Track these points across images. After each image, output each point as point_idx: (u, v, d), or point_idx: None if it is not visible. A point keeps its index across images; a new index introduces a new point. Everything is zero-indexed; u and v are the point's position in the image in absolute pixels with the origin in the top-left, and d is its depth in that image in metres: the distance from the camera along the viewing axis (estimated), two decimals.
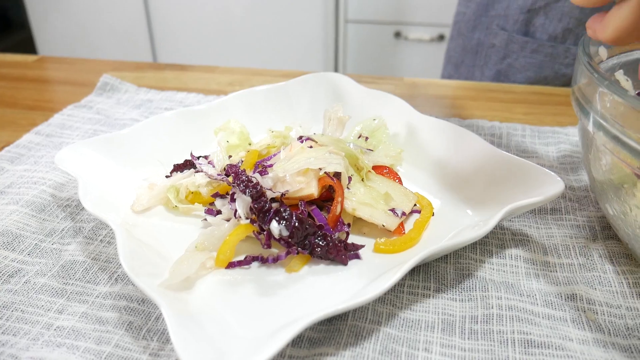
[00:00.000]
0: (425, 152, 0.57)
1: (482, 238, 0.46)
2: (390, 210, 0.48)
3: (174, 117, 0.60)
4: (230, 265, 0.45)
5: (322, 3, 1.99)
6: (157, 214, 0.52)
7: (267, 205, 0.44)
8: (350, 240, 0.48)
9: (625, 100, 0.36)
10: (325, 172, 0.48)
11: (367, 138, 0.58)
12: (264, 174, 0.48)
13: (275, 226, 0.44)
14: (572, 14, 0.83)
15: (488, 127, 0.69)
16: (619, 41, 0.38)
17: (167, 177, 0.54)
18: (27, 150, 0.64)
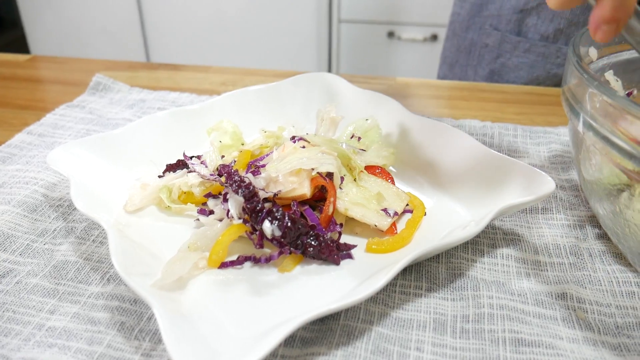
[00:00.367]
0: (418, 152, 0.58)
1: (473, 237, 0.46)
2: (382, 210, 0.48)
3: (166, 117, 0.60)
4: (223, 265, 0.45)
5: (315, 3, 1.99)
6: (149, 214, 0.51)
7: (259, 205, 0.44)
8: (343, 240, 0.48)
9: (615, 101, 0.37)
10: (317, 172, 0.48)
11: (359, 138, 0.58)
12: (256, 174, 0.48)
13: (267, 226, 0.44)
14: (563, 14, 0.83)
15: (480, 127, 0.69)
16: (564, 5, 0.40)
17: (159, 177, 0.54)
18: (19, 150, 0.63)
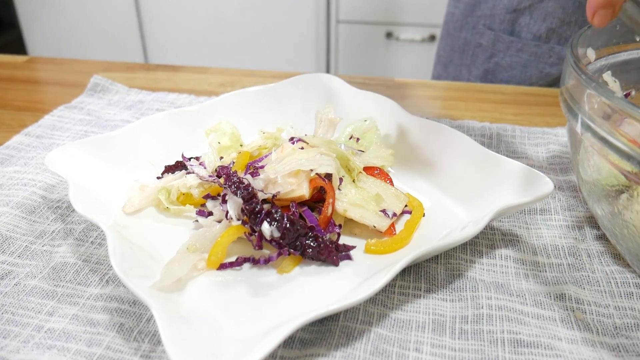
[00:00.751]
0: (416, 153, 0.58)
1: (472, 238, 0.46)
2: (381, 211, 0.48)
3: (165, 118, 0.60)
4: (222, 266, 0.45)
5: (313, 3, 1.99)
6: (148, 215, 0.51)
7: (258, 206, 0.44)
8: (342, 241, 0.48)
9: (613, 102, 0.37)
10: (316, 174, 0.48)
11: (358, 139, 0.58)
12: (255, 175, 0.48)
13: (266, 227, 0.44)
14: (555, 14, 0.84)
15: (478, 127, 0.69)
16: (605, 22, 0.42)
17: (158, 178, 0.54)
18: (17, 151, 0.63)
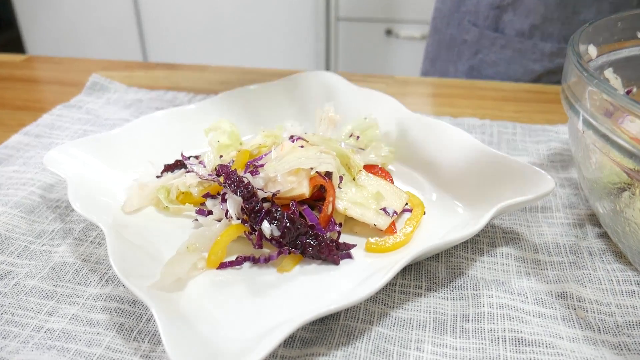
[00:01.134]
0: (417, 151, 0.57)
1: (473, 236, 0.46)
2: (381, 209, 0.48)
3: (164, 117, 0.60)
4: (222, 265, 0.45)
5: (313, 1, 1.99)
6: (147, 214, 0.51)
7: (258, 205, 0.44)
8: (342, 239, 0.48)
9: (615, 99, 0.36)
10: (316, 172, 0.48)
11: (358, 137, 0.58)
12: (255, 174, 0.47)
13: (266, 226, 0.43)
14: (538, 10, 0.84)
15: (479, 125, 0.69)
16: None
17: (157, 177, 0.54)
18: (16, 151, 0.63)
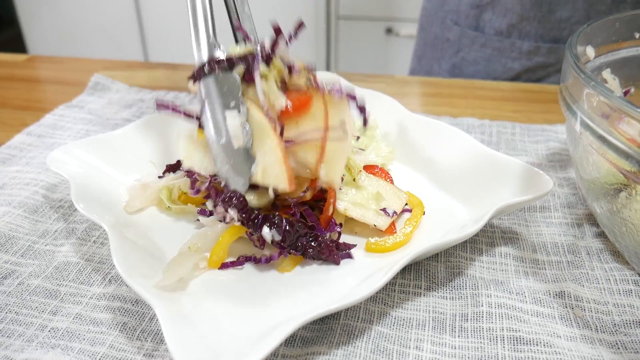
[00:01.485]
0: (416, 151, 0.58)
1: (472, 236, 0.47)
2: (381, 209, 0.49)
3: (165, 118, 0.60)
4: (224, 265, 0.45)
5: (313, 0, 1.99)
6: (150, 214, 0.52)
7: (254, 213, 0.44)
8: (342, 239, 0.48)
9: (611, 101, 0.37)
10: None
11: (358, 137, 0.58)
12: None
13: (266, 232, 0.44)
14: (515, 10, 0.86)
15: (478, 125, 0.69)
16: None
17: (159, 177, 0.54)
18: (19, 151, 0.63)
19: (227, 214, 0.45)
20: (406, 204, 0.51)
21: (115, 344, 0.39)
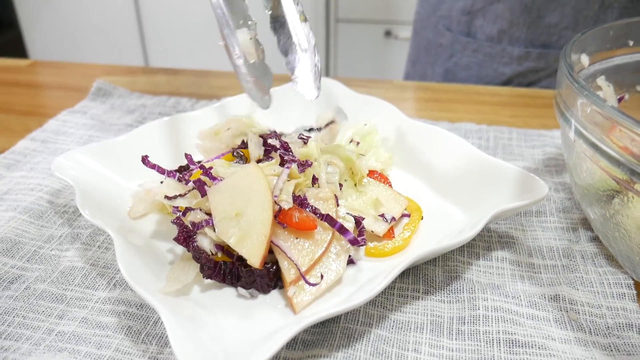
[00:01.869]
0: (414, 157, 0.59)
1: (469, 241, 0.48)
2: (379, 215, 0.50)
3: (167, 124, 0.61)
4: None
5: (312, 3, 2.00)
6: (153, 219, 0.53)
7: (223, 268, 0.44)
8: None
9: (604, 111, 0.38)
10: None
11: (358, 143, 0.59)
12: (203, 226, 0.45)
13: (244, 291, 0.44)
14: (504, 16, 0.88)
15: (476, 130, 0.70)
16: None
17: (161, 183, 0.55)
18: (23, 156, 0.64)
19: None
20: (405, 209, 0.52)
21: (121, 347, 0.40)
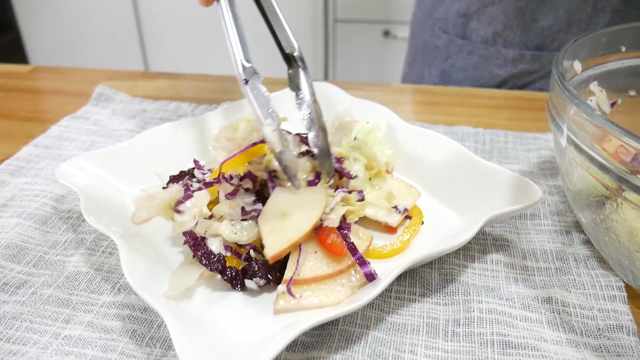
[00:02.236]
0: (410, 160, 0.60)
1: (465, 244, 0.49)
2: (392, 207, 0.52)
3: (169, 129, 0.62)
4: None
5: (311, 3, 2.01)
6: (156, 224, 0.54)
7: (232, 272, 0.46)
8: None
9: (593, 119, 0.39)
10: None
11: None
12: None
13: (251, 283, 0.46)
14: (499, 18, 0.89)
15: (472, 133, 0.71)
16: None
17: (163, 188, 0.56)
18: (27, 162, 0.65)
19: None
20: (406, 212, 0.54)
21: (126, 350, 0.42)
